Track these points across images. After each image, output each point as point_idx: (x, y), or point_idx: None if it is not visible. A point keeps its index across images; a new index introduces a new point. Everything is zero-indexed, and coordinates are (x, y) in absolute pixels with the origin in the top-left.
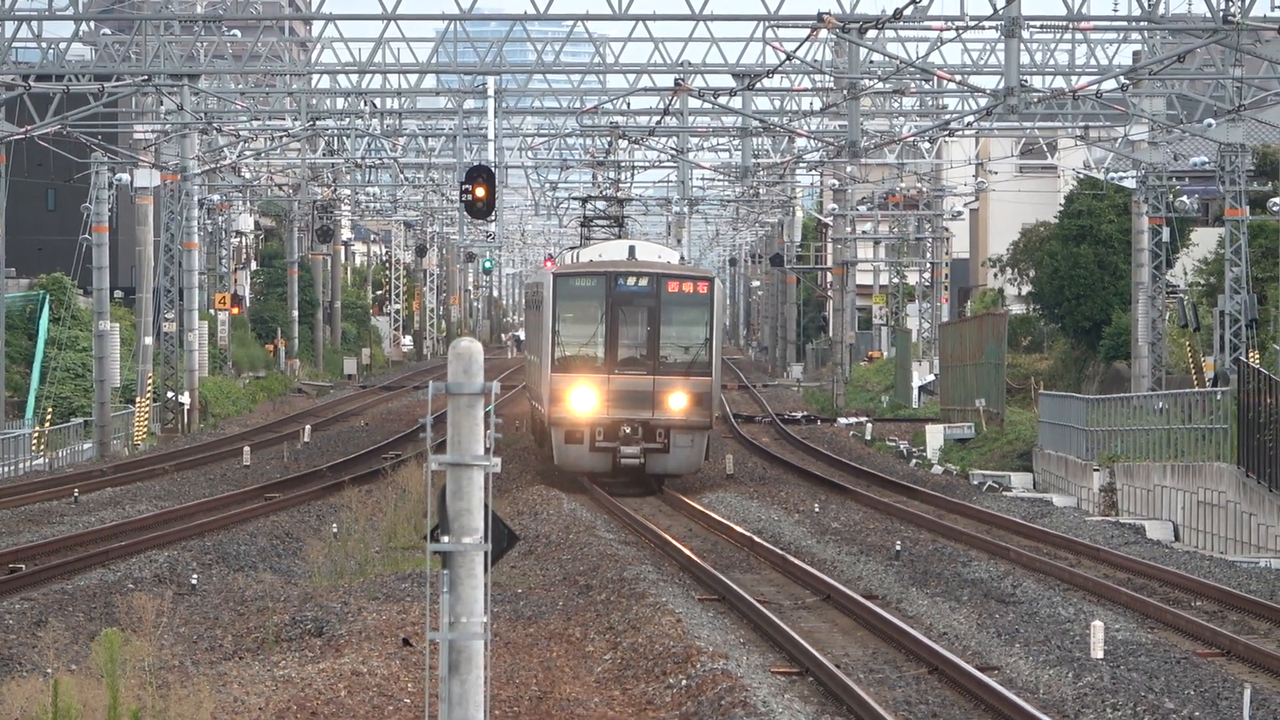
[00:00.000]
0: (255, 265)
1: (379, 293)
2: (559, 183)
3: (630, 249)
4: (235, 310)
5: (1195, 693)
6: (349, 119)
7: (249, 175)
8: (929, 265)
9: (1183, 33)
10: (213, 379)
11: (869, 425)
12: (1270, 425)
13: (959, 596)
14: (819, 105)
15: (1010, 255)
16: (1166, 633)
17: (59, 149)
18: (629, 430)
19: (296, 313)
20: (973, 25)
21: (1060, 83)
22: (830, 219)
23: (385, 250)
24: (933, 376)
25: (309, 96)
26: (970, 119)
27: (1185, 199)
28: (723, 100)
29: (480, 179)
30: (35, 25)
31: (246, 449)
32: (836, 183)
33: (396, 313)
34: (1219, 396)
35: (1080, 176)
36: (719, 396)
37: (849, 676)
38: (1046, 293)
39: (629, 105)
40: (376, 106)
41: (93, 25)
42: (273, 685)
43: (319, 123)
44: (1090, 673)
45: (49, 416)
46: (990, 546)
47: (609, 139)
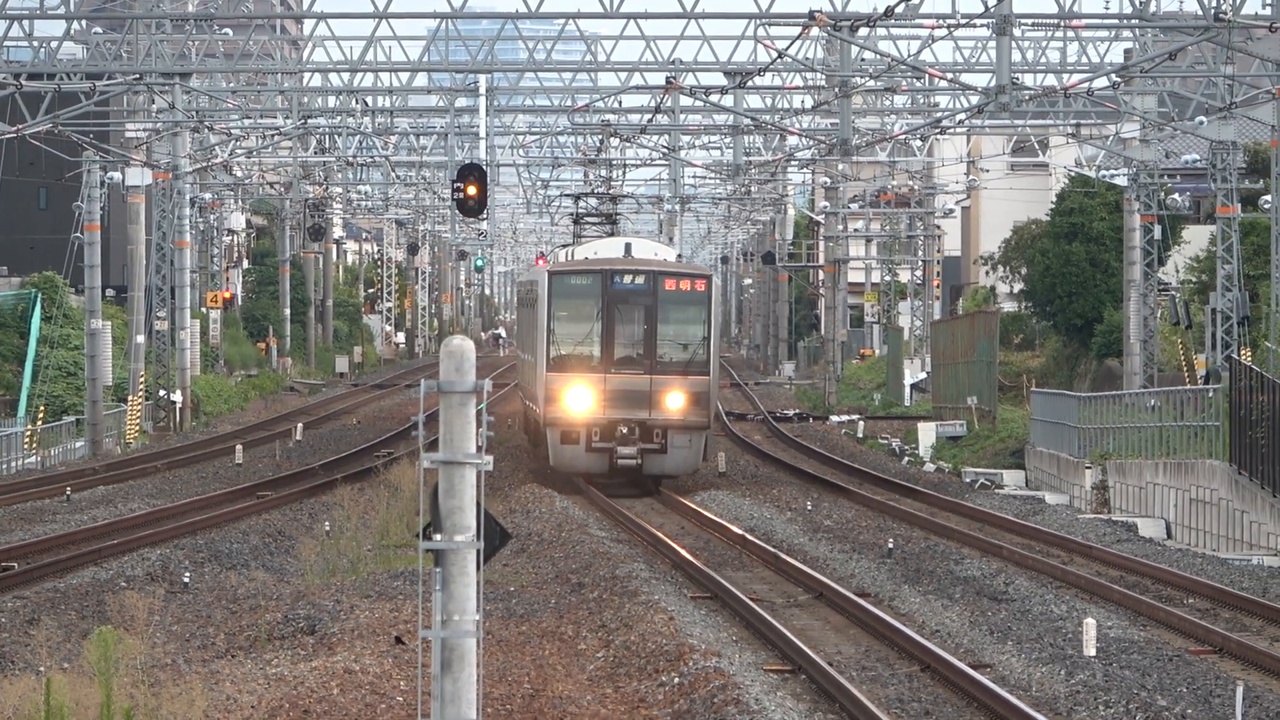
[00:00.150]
0: (247, 263)
1: (371, 291)
2: (551, 181)
3: (626, 246)
4: (227, 295)
5: (1188, 690)
6: (340, 117)
7: (240, 174)
8: (920, 263)
9: (1174, 30)
10: (205, 377)
11: (861, 423)
12: (1262, 422)
13: (951, 594)
14: (810, 103)
15: (1002, 253)
16: (1159, 630)
17: (51, 148)
18: (626, 430)
19: (288, 311)
20: (964, 23)
21: (1052, 80)
22: (822, 217)
23: (377, 248)
24: (924, 374)
25: (300, 95)
26: (962, 117)
27: (1177, 196)
28: (714, 98)
29: (472, 177)
30: (26, 24)
31: (239, 447)
32: (828, 180)
33: (389, 311)
34: (1211, 394)
35: (1072, 174)
36: (717, 396)
37: (841, 674)
38: (1038, 290)
39: (620, 103)
40: (368, 105)
41: (84, 24)
42: (265, 683)
43: (310, 121)
44: (1083, 670)
45: (41, 415)
46: (982, 544)
47: (600, 137)
